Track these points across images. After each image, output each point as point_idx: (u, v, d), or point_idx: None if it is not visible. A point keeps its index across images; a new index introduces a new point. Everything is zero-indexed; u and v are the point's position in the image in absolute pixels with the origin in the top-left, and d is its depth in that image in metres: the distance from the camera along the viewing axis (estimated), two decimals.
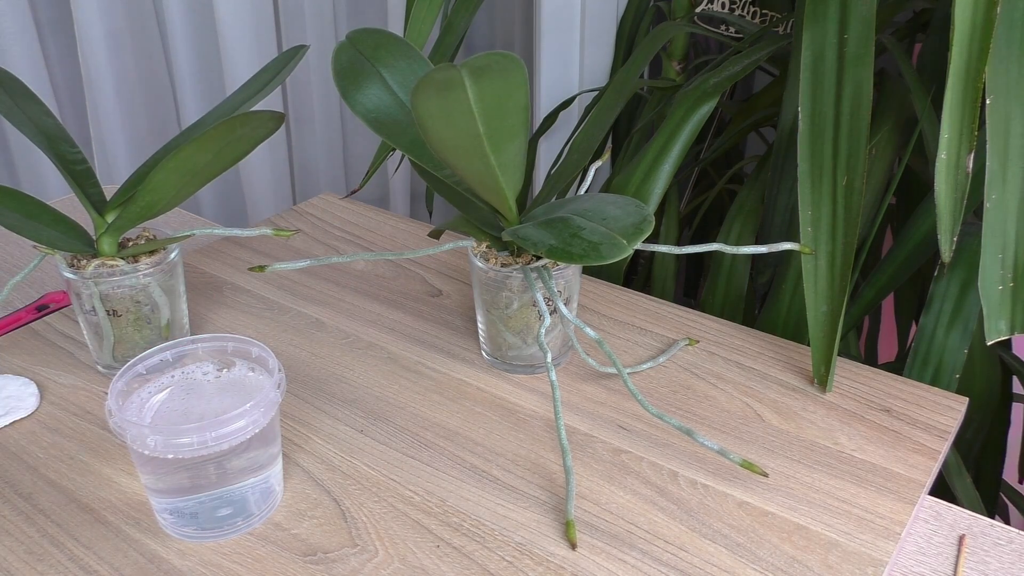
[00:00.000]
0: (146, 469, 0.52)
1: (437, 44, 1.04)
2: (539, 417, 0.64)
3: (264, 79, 0.69)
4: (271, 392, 0.52)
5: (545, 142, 1.37)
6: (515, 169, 0.56)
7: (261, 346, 0.56)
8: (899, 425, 0.63)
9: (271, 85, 0.68)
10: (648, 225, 0.53)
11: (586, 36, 1.32)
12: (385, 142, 0.74)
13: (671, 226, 1.15)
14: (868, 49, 0.65)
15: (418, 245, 0.89)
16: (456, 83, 0.47)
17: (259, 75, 0.71)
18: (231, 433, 0.50)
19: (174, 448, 0.49)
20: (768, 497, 0.57)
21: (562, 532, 0.54)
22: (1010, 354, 0.91)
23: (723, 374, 0.69)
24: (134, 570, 0.52)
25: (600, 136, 0.93)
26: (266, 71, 0.70)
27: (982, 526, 0.59)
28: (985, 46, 0.59)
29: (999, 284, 0.62)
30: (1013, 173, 0.62)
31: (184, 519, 0.53)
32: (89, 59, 1.19)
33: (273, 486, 0.56)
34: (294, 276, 0.82)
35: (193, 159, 0.59)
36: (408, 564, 0.52)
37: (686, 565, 0.52)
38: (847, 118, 0.66)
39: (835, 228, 0.65)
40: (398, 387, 0.68)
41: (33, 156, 1.22)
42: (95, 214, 0.65)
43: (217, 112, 0.69)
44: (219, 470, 0.52)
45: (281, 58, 0.70)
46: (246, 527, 0.54)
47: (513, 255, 0.65)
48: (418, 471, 0.59)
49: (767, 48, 0.93)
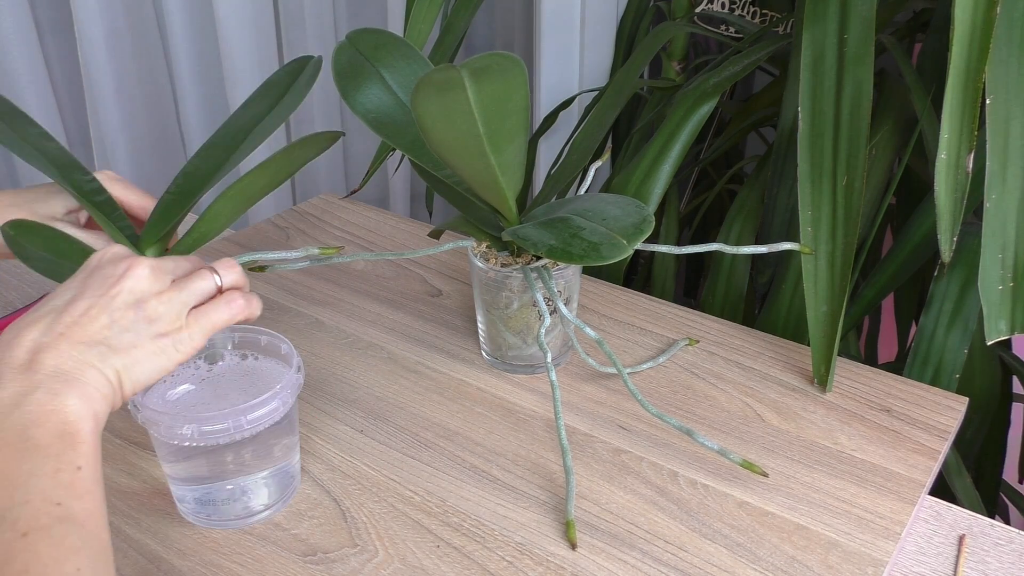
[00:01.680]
0: (174, 459, 0.53)
1: (437, 44, 1.04)
2: (539, 417, 0.64)
3: (276, 92, 0.66)
4: (294, 375, 0.54)
5: (545, 142, 1.37)
6: (515, 169, 0.56)
7: (271, 333, 0.57)
8: (899, 425, 0.63)
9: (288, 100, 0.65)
10: (648, 225, 0.53)
11: (586, 36, 1.32)
12: (385, 142, 0.74)
13: (671, 226, 1.15)
14: (868, 49, 0.65)
15: (418, 245, 0.89)
16: (456, 83, 0.47)
17: (268, 88, 0.67)
18: (263, 416, 0.51)
19: (208, 436, 0.50)
20: (768, 497, 0.57)
21: (562, 532, 0.54)
22: (1010, 354, 0.91)
23: (723, 374, 0.69)
24: (134, 570, 0.52)
25: (600, 136, 0.93)
26: (275, 84, 0.67)
27: (982, 526, 0.59)
28: (985, 46, 0.59)
29: (999, 284, 0.62)
30: (1013, 173, 0.62)
31: (206, 507, 0.54)
32: (89, 59, 1.19)
33: (292, 474, 0.57)
34: (294, 276, 0.82)
35: (252, 186, 0.58)
36: (408, 564, 0.52)
37: (686, 565, 0.52)
38: (847, 118, 0.66)
39: (835, 228, 0.65)
40: (398, 387, 0.68)
41: None
42: (133, 249, 0.60)
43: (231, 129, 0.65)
44: (241, 458, 0.53)
45: (291, 69, 0.67)
46: (268, 513, 0.56)
47: (513, 255, 0.65)
48: (418, 471, 0.59)
49: (767, 48, 0.93)
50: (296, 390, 0.53)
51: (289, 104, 0.64)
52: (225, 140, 0.64)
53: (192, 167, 0.63)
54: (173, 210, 0.61)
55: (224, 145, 0.63)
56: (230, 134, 0.64)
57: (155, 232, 0.61)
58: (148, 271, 0.46)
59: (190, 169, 0.63)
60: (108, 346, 0.44)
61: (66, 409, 0.41)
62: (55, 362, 0.42)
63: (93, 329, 0.44)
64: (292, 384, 0.53)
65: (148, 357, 0.45)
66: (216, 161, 0.63)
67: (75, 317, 0.44)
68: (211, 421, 0.50)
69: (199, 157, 0.64)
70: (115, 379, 0.44)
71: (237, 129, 0.64)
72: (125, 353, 0.44)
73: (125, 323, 0.45)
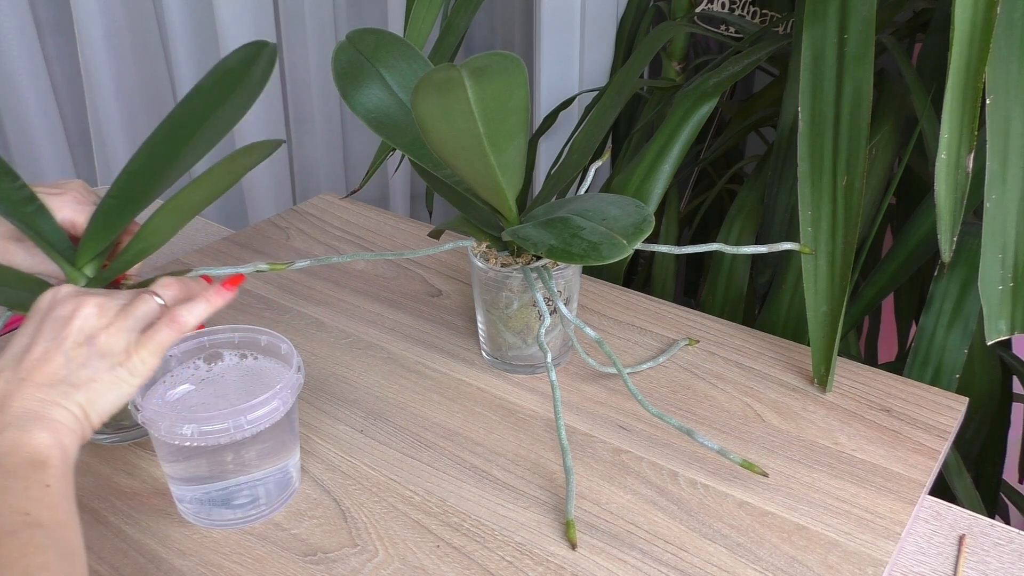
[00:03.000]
0: (174, 459, 0.53)
1: (437, 44, 1.04)
2: (539, 417, 0.64)
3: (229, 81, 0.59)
4: (294, 375, 0.54)
5: (545, 142, 1.37)
6: (515, 169, 0.56)
7: (271, 333, 0.57)
8: (899, 425, 0.63)
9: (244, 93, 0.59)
10: (648, 225, 0.53)
11: (586, 36, 1.32)
12: (385, 142, 0.74)
13: (671, 226, 1.15)
14: (868, 49, 0.65)
15: (418, 245, 0.89)
16: (456, 83, 0.47)
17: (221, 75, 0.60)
18: (263, 416, 0.51)
19: (208, 436, 0.50)
20: (768, 497, 0.57)
21: (562, 532, 0.54)
22: (1010, 354, 0.91)
23: (723, 374, 0.69)
24: (134, 570, 0.52)
25: (600, 136, 0.93)
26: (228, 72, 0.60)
27: (982, 526, 0.59)
28: (985, 46, 0.59)
29: (999, 284, 0.62)
30: (1013, 173, 0.62)
31: (206, 507, 0.54)
32: (89, 59, 1.19)
33: (292, 474, 0.57)
34: (294, 276, 0.82)
35: (191, 199, 0.55)
36: (408, 564, 0.52)
37: (686, 565, 0.52)
38: (847, 118, 0.66)
39: (835, 228, 0.65)
40: (398, 387, 0.68)
41: (33, 153, 1.22)
42: (67, 266, 0.57)
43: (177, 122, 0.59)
44: (241, 458, 0.53)
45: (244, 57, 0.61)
46: (268, 513, 0.56)
47: (513, 255, 0.65)
48: (418, 471, 0.59)
49: (767, 48, 0.93)
50: (296, 390, 0.53)
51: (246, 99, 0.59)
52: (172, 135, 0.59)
53: (136, 166, 0.58)
54: (113, 221, 0.57)
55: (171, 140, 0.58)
56: (176, 128, 0.59)
57: (92, 249, 0.57)
58: (95, 309, 0.49)
59: (134, 168, 0.58)
60: (69, 384, 0.47)
61: (35, 441, 0.44)
62: (22, 404, 0.45)
63: (51, 370, 0.47)
64: (292, 384, 0.53)
65: (108, 388, 0.48)
66: (163, 160, 0.58)
67: (33, 362, 0.47)
68: (211, 421, 0.50)
69: (143, 155, 0.58)
70: (80, 413, 0.47)
71: (185, 121, 0.59)
72: (85, 387, 0.47)
73: (80, 359, 0.47)
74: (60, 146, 1.24)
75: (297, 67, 1.41)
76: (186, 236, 0.95)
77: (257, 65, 0.61)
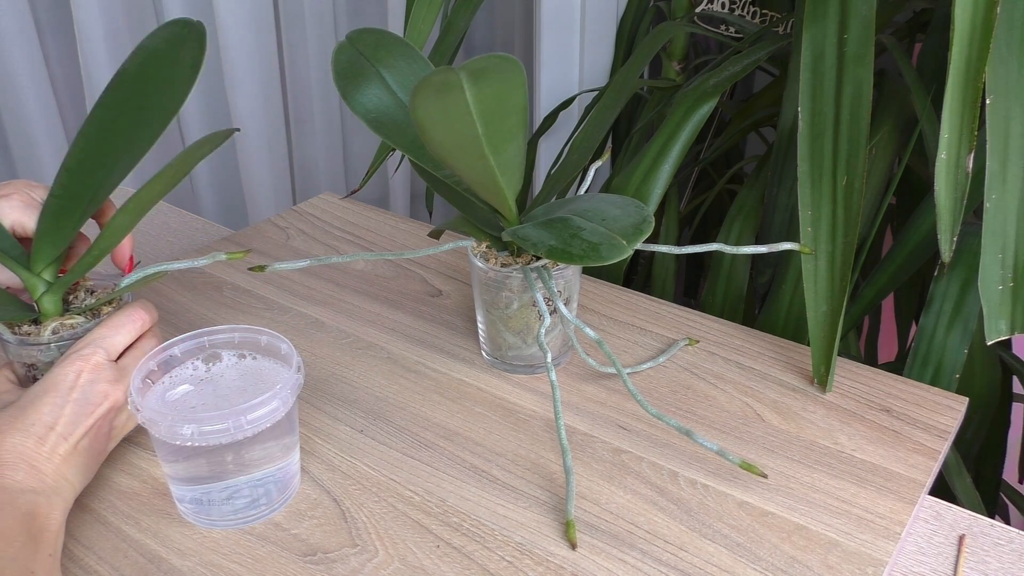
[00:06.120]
0: (174, 459, 0.53)
1: (437, 44, 1.04)
2: (539, 417, 0.64)
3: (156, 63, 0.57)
4: (294, 375, 0.54)
5: (545, 142, 1.37)
6: (514, 169, 0.56)
7: (271, 333, 0.57)
8: (899, 425, 0.63)
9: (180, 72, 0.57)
10: (648, 225, 0.53)
11: (586, 36, 1.32)
12: (385, 142, 0.74)
13: (671, 226, 1.16)
14: (868, 49, 0.65)
15: (418, 245, 0.89)
16: (455, 85, 0.47)
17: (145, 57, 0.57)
18: (263, 416, 0.51)
19: (208, 436, 0.50)
20: (768, 497, 0.57)
21: (562, 532, 0.54)
22: (1010, 354, 0.91)
23: (723, 374, 0.69)
24: (134, 570, 0.52)
25: (600, 136, 0.93)
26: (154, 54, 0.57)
27: (982, 526, 0.59)
28: (985, 46, 0.59)
29: (999, 284, 0.62)
30: (1013, 173, 0.62)
31: (206, 507, 0.54)
32: (89, 59, 1.19)
33: (292, 474, 0.57)
34: (294, 276, 0.82)
35: (149, 195, 0.54)
36: (408, 564, 0.52)
37: (686, 565, 0.52)
38: (847, 118, 0.66)
39: (835, 228, 0.65)
40: (398, 387, 0.68)
41: (33, 153, 1.22)
42: (24, 272, 0.56)
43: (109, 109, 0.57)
44: (241, 458, 0.53)
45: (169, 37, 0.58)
46: (268, 513, 0.56)
47: (513, 255, 0.65)
48: (418, 471, 0.59)
49: (767, 48, 0.93)
50: (296, 390, 0.53)
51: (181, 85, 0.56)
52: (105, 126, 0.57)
53: (74, 162, 0.56)
54: (63, 221, 0.56)
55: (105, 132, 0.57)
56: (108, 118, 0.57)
57: (47, 253, 0.56)
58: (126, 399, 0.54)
59: (72, 164, 0.56)
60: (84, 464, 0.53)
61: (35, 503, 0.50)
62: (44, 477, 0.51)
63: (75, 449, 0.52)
64: (292, 384, 0.53)
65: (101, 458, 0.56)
66: (101, 153, 0.56)
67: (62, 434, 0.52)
68: (211, 421, 0.50)
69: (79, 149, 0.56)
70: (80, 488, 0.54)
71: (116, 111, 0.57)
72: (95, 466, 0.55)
73: (99, 446, 0.54)
74: (60, 146, 1.24)
75: (297, 67, 1.41)
76: (186, 236, 0.95)
77: (186, 48, 0.57)
